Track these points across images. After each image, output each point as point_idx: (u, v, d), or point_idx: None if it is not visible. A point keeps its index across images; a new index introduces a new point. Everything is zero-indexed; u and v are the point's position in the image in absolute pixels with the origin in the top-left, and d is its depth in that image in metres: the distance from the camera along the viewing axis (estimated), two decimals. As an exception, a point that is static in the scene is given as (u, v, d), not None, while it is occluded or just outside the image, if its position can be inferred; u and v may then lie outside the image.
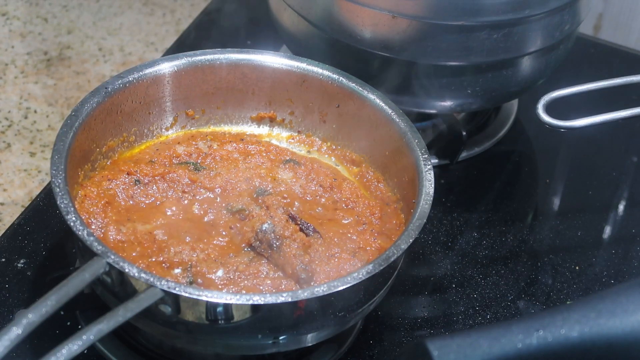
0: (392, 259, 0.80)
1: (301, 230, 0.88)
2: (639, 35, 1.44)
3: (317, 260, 0.86)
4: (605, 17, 1.45)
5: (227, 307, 0.77)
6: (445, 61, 1.02)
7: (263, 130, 1.02)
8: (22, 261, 0.97)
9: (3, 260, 0.97)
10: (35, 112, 1.20)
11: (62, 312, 0.80)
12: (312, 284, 0.84)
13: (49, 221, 1.01)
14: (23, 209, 1.03)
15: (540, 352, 0.68)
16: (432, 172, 0.88)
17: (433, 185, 0.87)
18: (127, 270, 0.76)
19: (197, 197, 0.92)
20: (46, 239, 0.99)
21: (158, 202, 0.91)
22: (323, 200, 0.94)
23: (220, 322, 0.78)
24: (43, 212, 1.01)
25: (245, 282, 0.83)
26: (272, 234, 0.86)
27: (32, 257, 0.97)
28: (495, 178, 1.15)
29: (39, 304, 0.71)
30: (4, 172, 1.12)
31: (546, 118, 1.02)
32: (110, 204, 0.89)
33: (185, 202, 0.91)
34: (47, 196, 1.03)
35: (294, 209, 0.92)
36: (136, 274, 0.76)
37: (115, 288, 0.79)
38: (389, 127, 0.94)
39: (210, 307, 0.77)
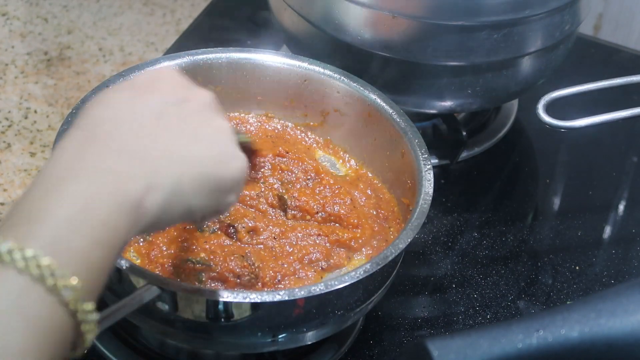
0: (390, 259, 0.80)
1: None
2: (639, 35, 1.44)
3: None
4: (605, 17, 1.45)
5: (225, 305, 0.77)
6: (445, 61, 1.02)
7: (263, 130, 1.02)
8: (22, 261, 0.96)
9: (3, 260, 0.96)
10: (35, 112, 1.20)
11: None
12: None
13: (48, 221, 1.00)
14: (23, 209, 1.03)
15: (540, 352, 0.68)
16: (432, 172, 0.88)
17: (432, 185, 0.87)
18: (124, 267, 0.76)
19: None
20: (46, 238, 0.99)
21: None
22: (323, 200, 0.94)
23: (218, 319, 0.78)
24: (43, 212, 1.01)
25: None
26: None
27: (32, 257, 0.97)
28: (495, 178, 1.15)
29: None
30: (4, 172, 1.12)
31: (546, 118, 1.02)
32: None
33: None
34: (47, 196, 1.02)
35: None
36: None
37: (112, 285, 0.79)
38: (389, 127, 0.94)
39: (208, 304, 0.77)
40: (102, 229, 0.57)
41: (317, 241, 0.88)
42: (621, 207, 1.13)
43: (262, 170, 0.92)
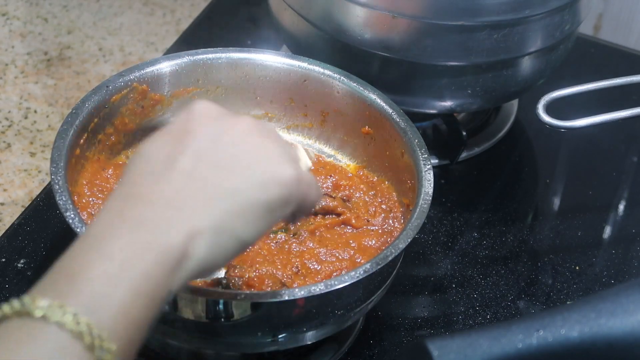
0: (390, 259, 0.80)
1: None
2: (639, 35, 1.44)
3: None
4: (605, 17, 1.45)
5: (225, 304, 0.77)
6: (445, 61, 1.02)
7: (263, 130, 1.02)
8: (22, 261, 0.97)
9: (3, 260, 0.97)
10: (35, 112, 1.20)
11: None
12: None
13: (49, 221, 1.01)
14: (23, 209, 1.03)
15: (540, 352, 0.68)
16: (431, 172, 0.88)
17: (432, 185, 0.87)
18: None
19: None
20: (46, 239, 0.99)
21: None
22: (322, 199, 0.94)
23: (218, 319, 0.78)
24: (43, 212, 1.01)
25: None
26: None
27: (32, 257, 0.97)
28: (495, 178, 1.15)
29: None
30: (4, 172, 1.12)
31: (546, 118, 1.02)
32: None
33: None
34: (47, 196, 1.03)
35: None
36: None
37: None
38: (389, 127, 0.94)
39: (208, 304, 0.77)
40: (143, 282, 0.58)
41: (342, 256, 0.87)
42: (621, 207, 1.13)
43: None
